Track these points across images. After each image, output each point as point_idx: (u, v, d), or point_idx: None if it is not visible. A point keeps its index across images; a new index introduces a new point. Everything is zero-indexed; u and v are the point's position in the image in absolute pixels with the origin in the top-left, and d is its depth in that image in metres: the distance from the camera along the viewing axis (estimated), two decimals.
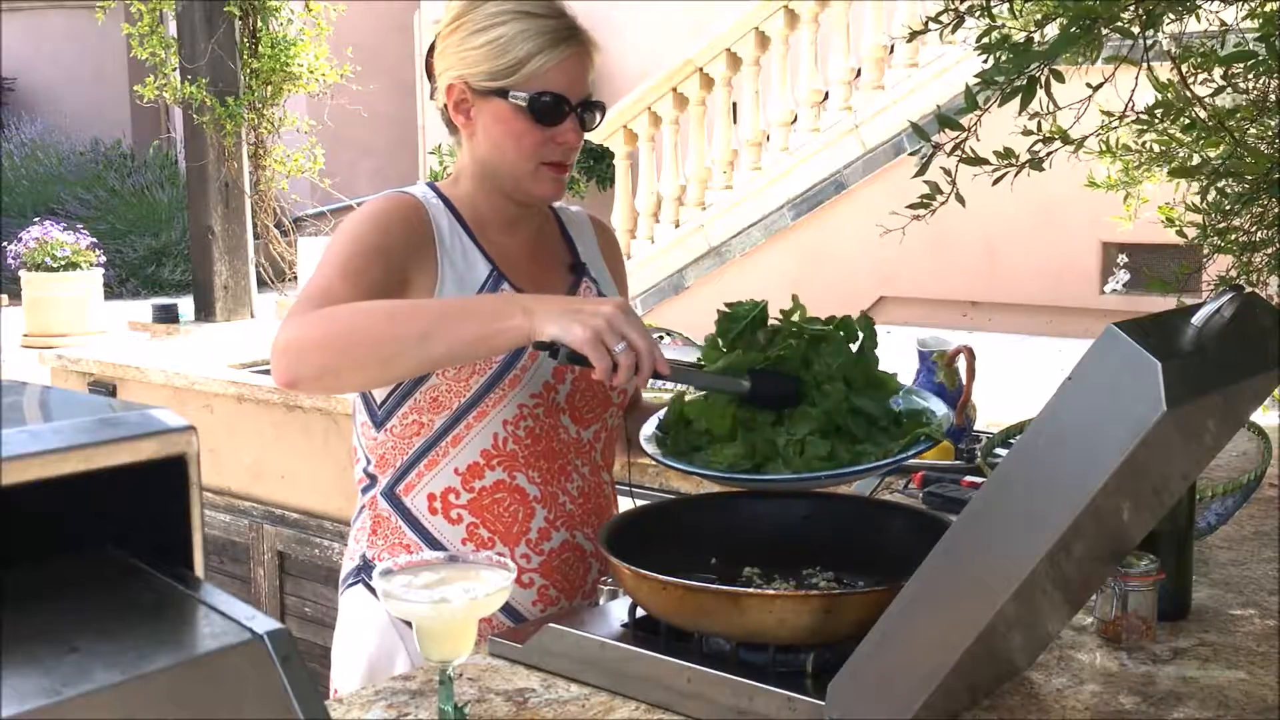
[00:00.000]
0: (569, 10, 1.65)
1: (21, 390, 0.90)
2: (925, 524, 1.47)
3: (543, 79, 1.59)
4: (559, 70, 1.60)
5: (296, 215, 9.04)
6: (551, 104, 1.60)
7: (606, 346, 1.37)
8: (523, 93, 1.59)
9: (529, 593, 1.65)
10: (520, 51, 1.59)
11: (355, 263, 1.55)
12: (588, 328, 1.37)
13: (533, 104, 1.59)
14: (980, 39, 1.97)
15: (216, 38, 7.33)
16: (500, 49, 1.59)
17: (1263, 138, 2.16)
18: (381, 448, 1.66)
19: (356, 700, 1.35)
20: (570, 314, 1.39)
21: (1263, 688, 1.37)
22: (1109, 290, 6.34)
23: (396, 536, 1.66)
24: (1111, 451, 0.99)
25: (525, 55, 1.59)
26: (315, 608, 3.99)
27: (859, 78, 7.03)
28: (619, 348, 1.37)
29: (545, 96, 1.59)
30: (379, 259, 1.57)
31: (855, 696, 1.17)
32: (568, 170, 1.67)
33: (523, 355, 1.61)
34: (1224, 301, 1.08)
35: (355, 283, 1.53)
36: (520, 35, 1.59)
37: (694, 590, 1.30)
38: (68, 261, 10.25)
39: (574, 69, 1.62)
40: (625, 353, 1.37)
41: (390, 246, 1.58)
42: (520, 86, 1.59)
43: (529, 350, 1.61)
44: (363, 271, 1.55)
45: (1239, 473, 1.89)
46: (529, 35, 1.59)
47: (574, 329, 1.37)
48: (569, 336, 1.37)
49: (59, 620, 0.74)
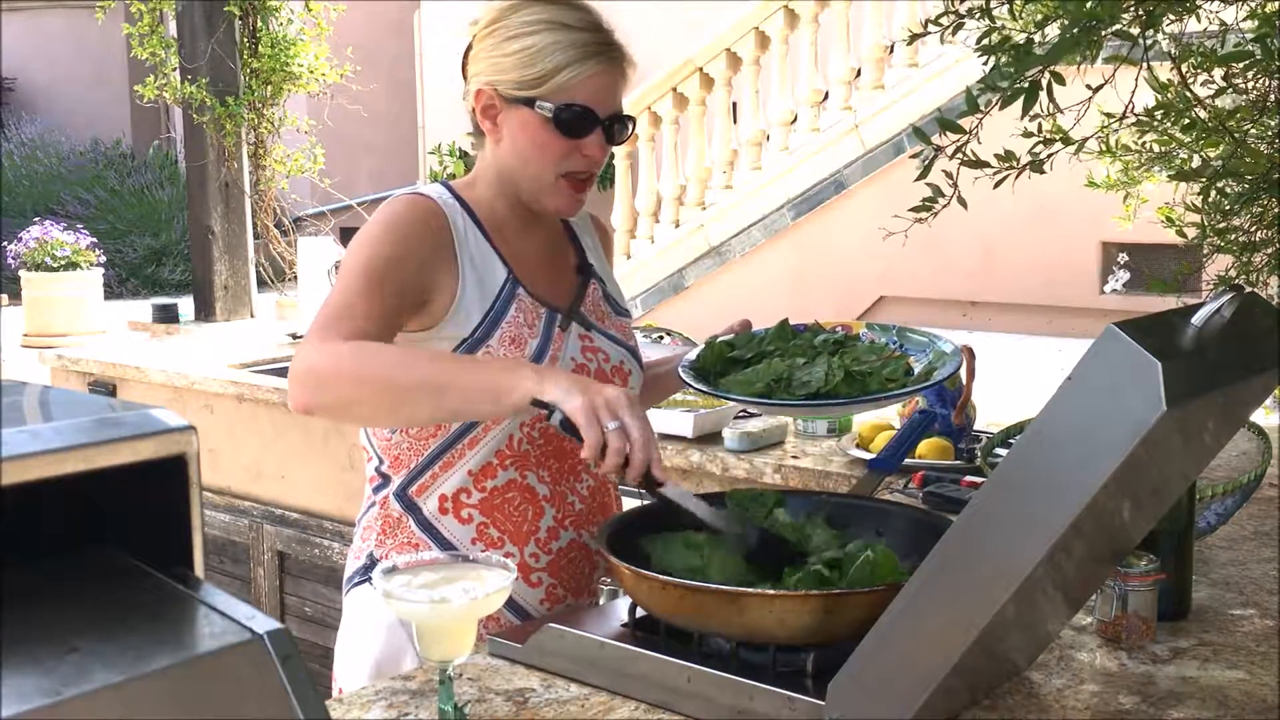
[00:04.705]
0: (606, 24, 1.64)
1: (21, 390, 0.90)
2: (925, 524, 1.47)
3: (570, 91, 1.59)
4: (588, 84, 1.60)
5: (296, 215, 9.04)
6: (578, 116, 1.60)
7: (600, 422, 1.37)
8: (549, 103, 1.59)
9: (537, 591, 1.65)
10: (550, 63, 1.58)
11: (374, 274, 1.55)
12: (587, 400, 1.38)
13: (559, 115, 1.59)
14: (980, 40, 1.97)
15: (216, 38, 7.32)
16: (530, 58, 1.59)
17: (1263, 138, 2.16)
18: (396, 448, 1.66)
19: (356, 700, 1.35)
20: (577, 384, 1.40)
21: (1263, 688, 1.37)
22: (1109, 290, 6.34)
23: (406, 536, 1.66)
24: (1111, 451, 0.99)
25: (555, 67, 1.58)
26: (315, 608, 3.99)
27: (859, 78, 7.03)
28: (611, 425, 1.37)
29: (572, 109, 1.59)
30: (398, 268, 1.57)
31: (855, 696, 1.17)
32: (588, 186, 1.67)
33: (543, 358, 1.62)
34: (1224, 301, 1.08)
35: (375, 296, 1.54)
36: (552, 46, 1.58)
37: (694, 590, 1.30)
38: (68, 261, 10.24)
39: (603, 84, 1.61)
40: (617, 433, 1.37)
41: (409, 254, 1.58)
42: (548, 97, 1.59)
43: (549, 353, 1.63)
44: (383, 283, 1.55)
45: (1239, 473, 1.89)
46: (560, 47, 1.58)
47: (575, 397, 1.38)
48: (568, 402, 1.38)
49: (59, 620, 0.74)
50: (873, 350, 1.65)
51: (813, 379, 1.57)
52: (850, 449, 2.60)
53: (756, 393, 1.58)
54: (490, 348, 1.59)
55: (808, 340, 1.68)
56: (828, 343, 1.66)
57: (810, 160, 7.05)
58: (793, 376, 1.58)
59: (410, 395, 1.47)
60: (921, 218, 2.05)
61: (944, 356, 1.63)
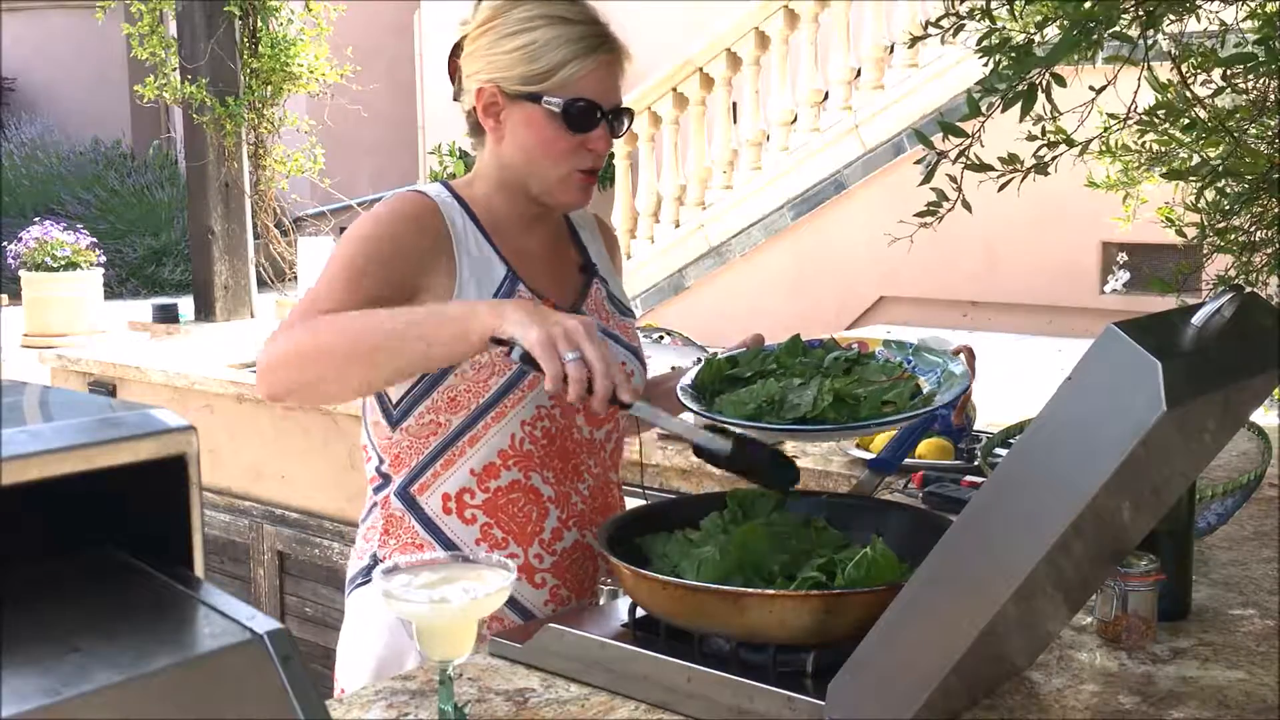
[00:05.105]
0: (601, 16, 1.64)
1: (21, 390, 0.90)
2: (925, 524, 1.47)
3: (576, 86, 1.59)
4: (592, 77, 1.60)
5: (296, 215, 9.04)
6: (585, 111, 1.60)
7: (559, 354, 1.36)
8: (556, 99, 1.59)
9: (541, 592, 1.65)
10: (554, 58, 1.59)
11: (356, 269, 1.55)
12: (544, 331, 1.36)
13: (566, 110, 1.59)
14: (980, 41, 1.97)
15: (216, 38, 7.32)
16: (533, 54, 1.59)
17: (1262, 138, 2.16)
18: (396, 447, 1.66)
19: (357, 700, 1.35)
20: (533, 316, 1.38)
21: (1263, 688, 1.37)
22: (1109, 290, 6.34)
23: (409, 536, 1.65)
24: (1111, 451, 0.99)
25: (559, 61, 1.59)
26: (315, 608, 3.99)
27: (859, 78, 7.03)
28: (569, 356, 1.35)
29: (579, 103, 1.60)
30: (385, 264, 1.56)
31: (855, 696, 1.17)
32: (595, 177, 1.67)
33: None
34: (1224, 301, 1.08)
35: (351, 289, 1.53)
36: (554, 41, 1.59)
37: (694, 590, 1.30)
38: (68, 261, 10.25)
39: (606, 76, 1.62)
40: (576, 364, 1.35)
41: (397, 251, 1.57)
42: (554, 92, 1.59)
43: None
44: (363, 275, 1.55)
45: (1239, 473, 1.89)
46: (562, 41, 1.59)
47: (531, 330, 1.36)
48: (525, 336, 1.36)
49: (59, 620, 0.74)
50: (883, 370, 1.60)
51: (803, 402, 1.52)
52: (850, 449, 2.60)
53: (747, 414, 1.53)
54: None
55: (817, 358, 1.62)
56: (838, 361, 1.61)
57: (810, 160, 7.05)
58: (785, 398, 1.54)
59: (372, 355, 1.46)
60: (926, 222, 2.05)
61: (952, 379, 1.57)
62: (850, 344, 1.67)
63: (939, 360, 1.61)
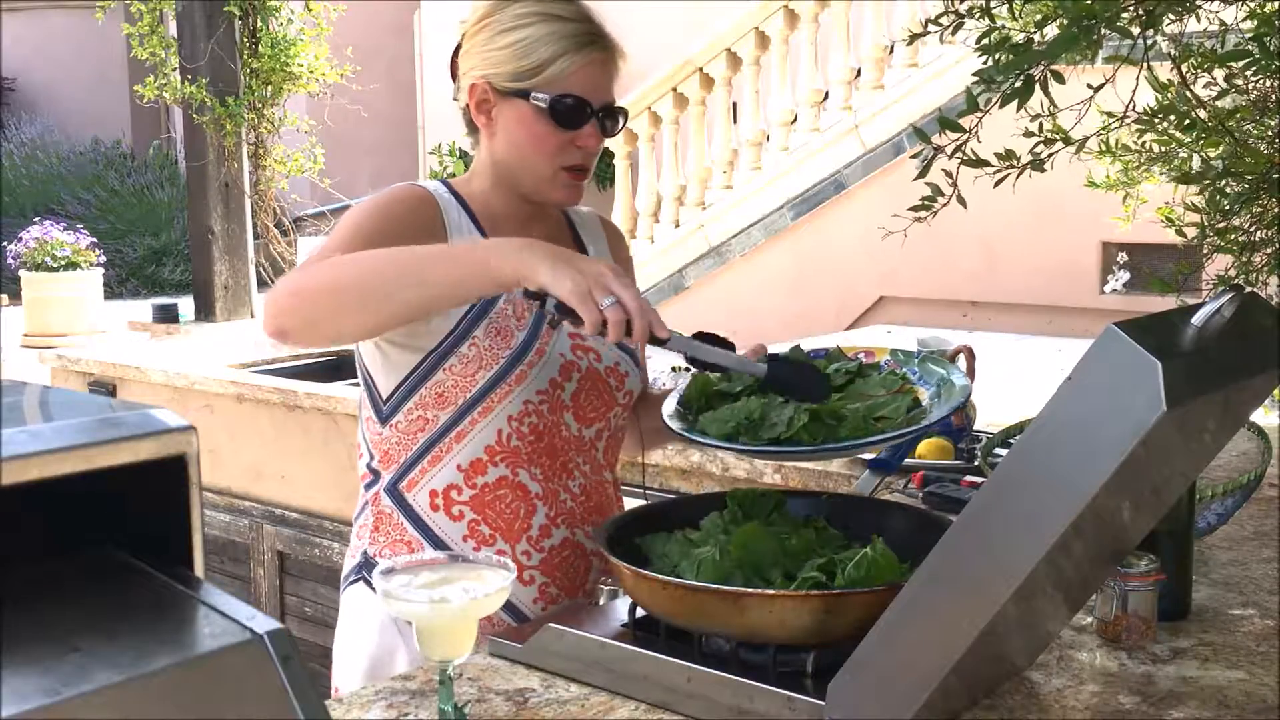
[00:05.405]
0: (596, 15, 1.65)
1: (21, 390, 0.90)
2: (925, 524, 1.47)
3: (565, 82, 1.60)
4: (582, 74, 1.60)
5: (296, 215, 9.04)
6: (573, 107, 1.60)
7: (595, 301, 1.34)
8: (544, 95, 1.59)
9: (530, 590, 1.65)
10: (544, 54, 1.59)
11: (364, 231, 1.55)
12: (578, 281, 1.34)
13: (554, 106, 1.60)
14: (980, 40, 1.97)
15: (216, 38, 7.33)
16: (524, 50, 1.59)
17: (1263, 138, 2.16)
18: (386, 443, 1.66)
19: (356, 700, 1.35)
20: (562, 264, 1.36)
21: (1263, 688, 1.37)
22: (1109, 290, 6.34)
23: (398, 533, 1.66)
24: (1111, 451, 0.99)
25: (549, 57, 1.59)
26: (315, 608, 3.99)
27: (859, 78, 7.03)
28: (607, 302, 1.34)
29: (567, 99, 1.60)
30: (386, 236, 1.55)
31: (855, 696, 1.17)
32: (586, 176, 1.67)
33: (529, 351, 1.61)
34: (1224, 301, 1.08)
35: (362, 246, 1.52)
36: (545, 37, 1.59)
37: (694, 590, 1.30)
38: (68, 261, 10.26)
39: (597, 74, 1.62)
40: (614, 308, 1.34)
41: (394, 234, 1.56)
42: (542, 88, 1.59)
43: (536, 346, 1.61)
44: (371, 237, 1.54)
45: (1239, 473, 1.89)
46: (554, 38, 1.59)
47: (564, 280, 1.34)
48: (559, 287, 1.35)
49: (59, 620, 0.74)
50: (885, 383, 1.57)
51: (780, 421, 1.48)
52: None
53: (726, 433, 1.50)
54: (475, 339, 1.59)
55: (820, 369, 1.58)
56: (840, 372, 1.58)
57: (810, 160, 7.05)
58: (765, 416, 1.50)
59: (393, 287, 1.44)
60: (921, 217, 2.05)
61: (951, 391, 1.54)
62: (857, 353, 1.64)
63: (942, 372, 1.59)
